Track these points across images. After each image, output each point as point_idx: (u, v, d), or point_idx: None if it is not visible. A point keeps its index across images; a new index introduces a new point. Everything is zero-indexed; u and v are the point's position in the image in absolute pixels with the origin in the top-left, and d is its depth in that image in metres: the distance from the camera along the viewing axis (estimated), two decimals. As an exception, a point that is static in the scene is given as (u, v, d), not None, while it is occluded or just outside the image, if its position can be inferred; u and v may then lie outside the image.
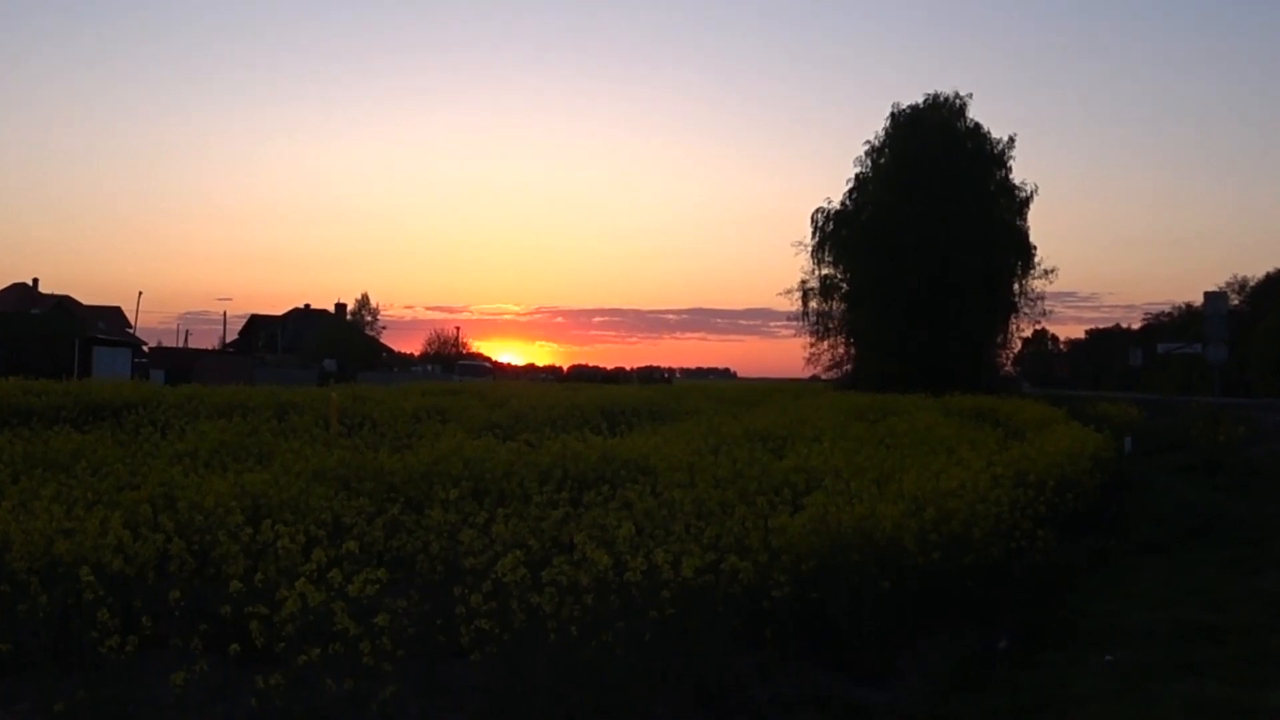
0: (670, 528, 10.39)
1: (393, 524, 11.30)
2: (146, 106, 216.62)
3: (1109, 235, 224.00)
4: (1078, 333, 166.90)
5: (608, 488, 13.08)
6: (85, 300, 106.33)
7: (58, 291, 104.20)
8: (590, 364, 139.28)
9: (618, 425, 24.64)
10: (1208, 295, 41.48)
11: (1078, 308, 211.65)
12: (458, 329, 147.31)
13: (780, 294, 71.00)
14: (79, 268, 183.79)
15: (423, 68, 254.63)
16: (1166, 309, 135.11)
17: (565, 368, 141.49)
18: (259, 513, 11.49)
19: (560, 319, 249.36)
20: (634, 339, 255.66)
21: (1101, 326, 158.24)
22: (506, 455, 15.83)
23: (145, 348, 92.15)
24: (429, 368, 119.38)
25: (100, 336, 77.33)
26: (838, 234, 65.21)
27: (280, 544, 9.07)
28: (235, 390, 31.35)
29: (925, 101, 65.30)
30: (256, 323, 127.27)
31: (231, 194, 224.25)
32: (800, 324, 67.63)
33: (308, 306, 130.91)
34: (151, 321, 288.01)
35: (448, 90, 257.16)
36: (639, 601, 8.42)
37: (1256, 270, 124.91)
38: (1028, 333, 76.92)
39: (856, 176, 66.68)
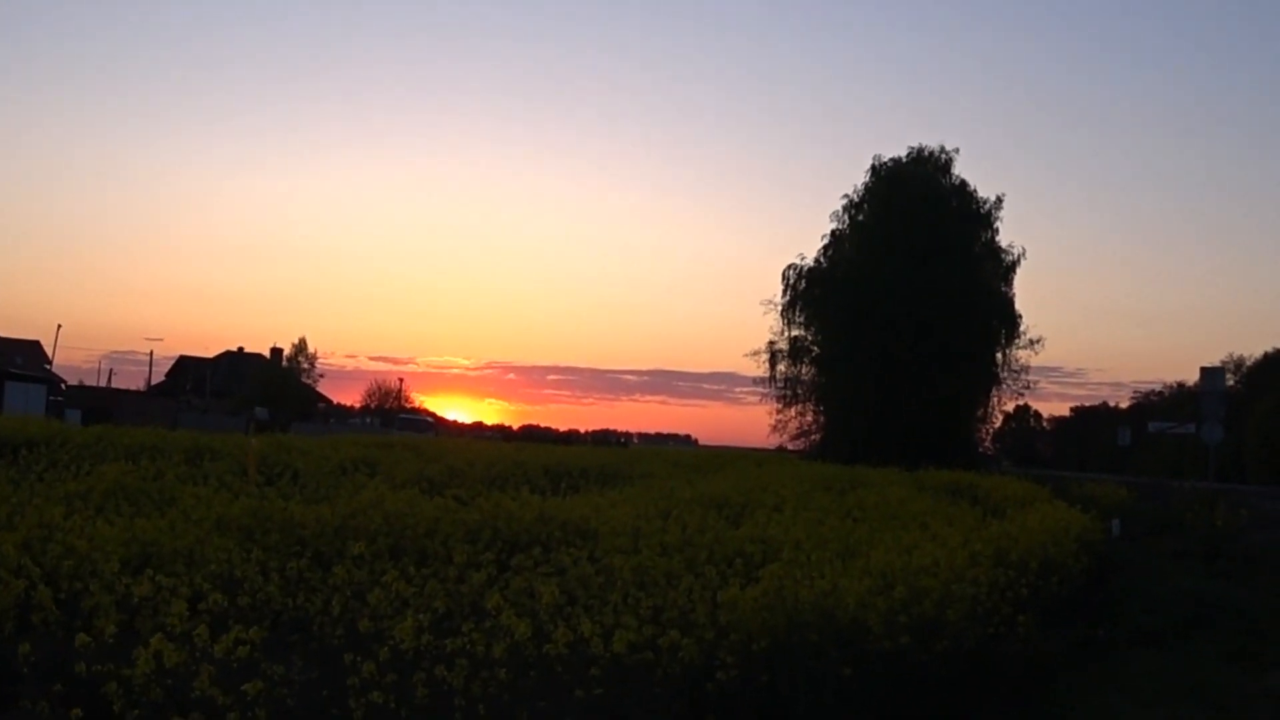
0: (606, 597, 9.97)
1: (297, 580, 10.73)
2: (74, 132, 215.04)
3: (1098, 308, 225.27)
4: (1062, 410, 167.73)
5: (540, 550, 12.58)
6: (1, 333, 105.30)
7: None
8: (542, 424, 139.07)
9: (561, 486, 24.15)
10: (1204, 371, 41.35)
11: (1062, 383, 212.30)
12: (401, 381, 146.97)
13: (746, 355, 69.63)
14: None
15: (373, 106, 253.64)
16: (1157, 388, 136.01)
17: (515, 427, 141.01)
18: (148, 562, 11.00)
19: (512, 375, 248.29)
20: (590, 399, 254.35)
21: (1088, 404, 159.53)
22: (431, 511, 15.30)
23: (63, 385, 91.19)
24: (367, 420, 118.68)
25: (14, 371, 76.37)
26: (810, 293, 64.40)
27: (138, 592, 8.46)
28: (149, 432, 30.65)
29: (909, 155, 64.93)
30: (185, 364, 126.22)
31: (165, 228, 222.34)
32: (767, 389, 66.85)
33: (241, 350, 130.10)
34: (74, 359, 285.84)
35: (400, 131, 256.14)
36: (563, 678, 7.90)
37: (1254, 349, 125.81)
38: (1010, 407, 76.68)
39: (832, 232, 65.96)
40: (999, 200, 64.77)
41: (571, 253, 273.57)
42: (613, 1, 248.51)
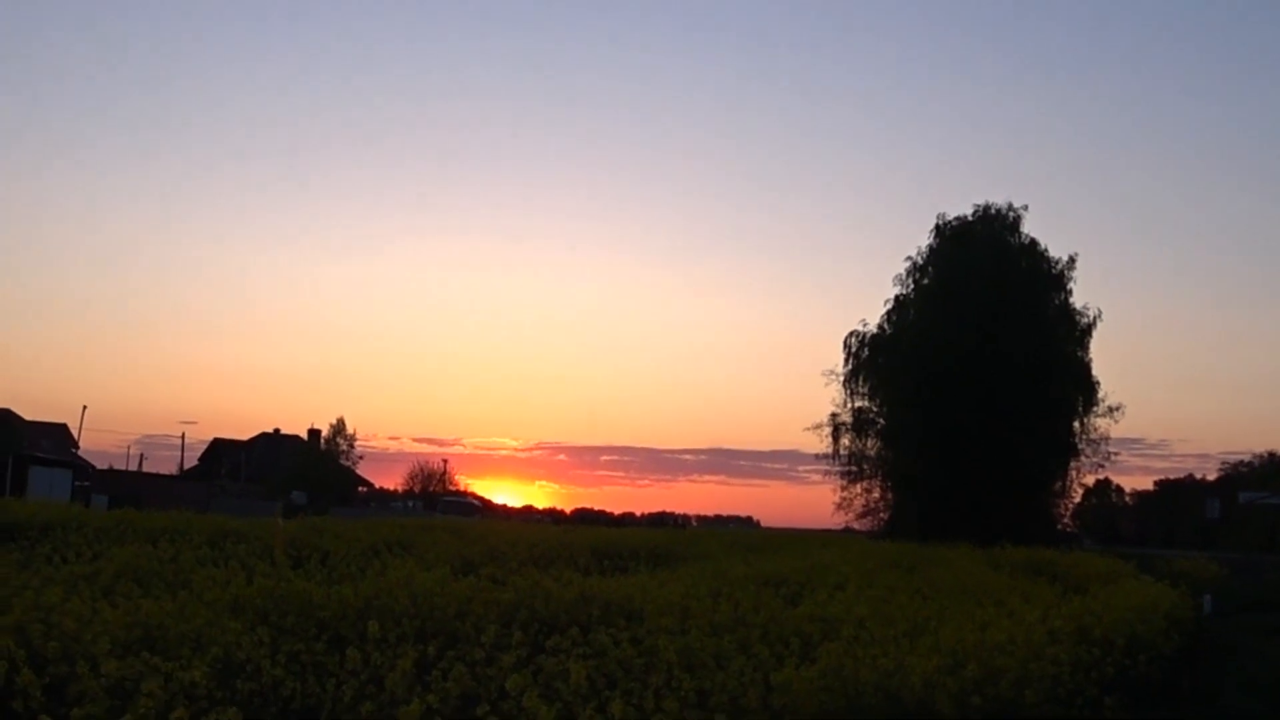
0: (647, 680, 9.48)
1: (310, 663, 10.37)
2: (105, 210, 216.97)
3: (1181, 374, 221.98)
4: (1145, 484, 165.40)
5: (577, 631, 12.10)
6: (28, 415, 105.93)
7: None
8: (596, 507, 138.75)
9: (608, 566, 23.75)
10: (1297, 436, 40.62)
11: (1145, 456, 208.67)
12: (445, 462, 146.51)
13: (808, 429, 68.06)
14: (24, 380, 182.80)
15: (415, 178, 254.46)
16: (1246, 457, 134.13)
17: (568, 510, 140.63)
18: (151, 645, 10.63)
19: (563, 456, 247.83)
20: (645, 481, 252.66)
21: (1172, 477, 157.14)
22: (463, 591, 14.90)
23: (91, 470, 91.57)
24: (410, 504, 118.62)
25: (40, 455, 76.77)
26: (874, 361, 63.93)
27: (107, 668, 8.08)
28: (173, 516, 30.53)
29: (975, 213, 64.26)
30: (219, 448, 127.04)
31: (198, 308, 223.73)
32: (830, 465, 66.10)
33: (277, 431, 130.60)
34: (105, 443, 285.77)
35: (443, 205, 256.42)
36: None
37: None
38: (1089, 481, 75.36)
39: (896, 297, 65.39)
40: (1072, 260, 64.19)
41: (623, 328, 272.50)
42: (661, 69, 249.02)
